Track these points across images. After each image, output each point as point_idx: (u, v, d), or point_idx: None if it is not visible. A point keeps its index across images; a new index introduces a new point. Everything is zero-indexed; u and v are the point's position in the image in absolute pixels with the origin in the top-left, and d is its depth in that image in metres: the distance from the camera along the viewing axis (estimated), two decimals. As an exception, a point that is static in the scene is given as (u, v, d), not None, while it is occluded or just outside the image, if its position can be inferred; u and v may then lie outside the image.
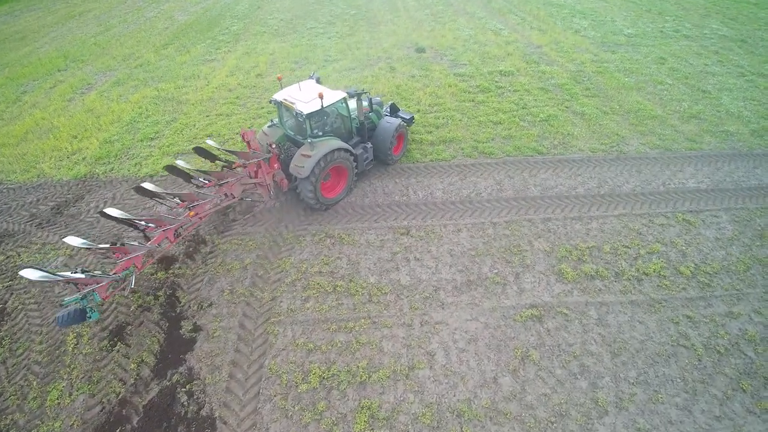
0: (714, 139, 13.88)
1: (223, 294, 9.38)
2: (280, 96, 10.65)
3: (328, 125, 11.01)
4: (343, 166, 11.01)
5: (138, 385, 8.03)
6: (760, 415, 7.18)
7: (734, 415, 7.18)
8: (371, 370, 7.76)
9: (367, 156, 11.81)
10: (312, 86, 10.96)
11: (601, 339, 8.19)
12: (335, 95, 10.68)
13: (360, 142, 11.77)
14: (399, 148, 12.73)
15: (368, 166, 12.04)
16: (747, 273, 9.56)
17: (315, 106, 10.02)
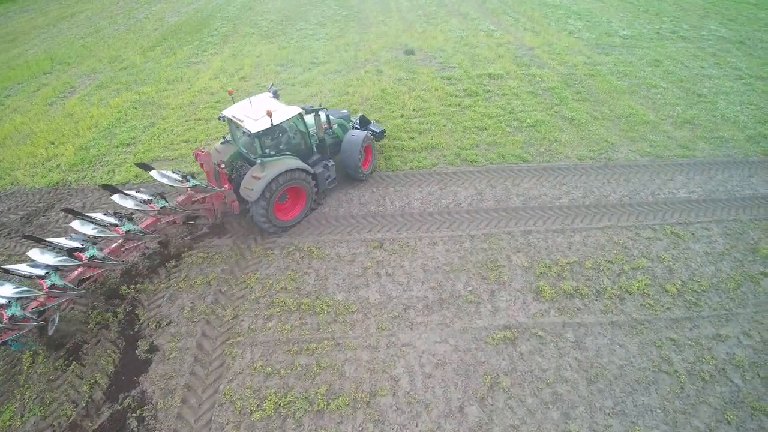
0: (708, 146, 13.34)
1: (183, 311, 8.96)
2: (229, 112, 9.92)
3: (283, 143, 10.47)
4: (301, 187, 10.36)
5: (89, 408, 7.62)
6: (747, 449, 6.70)
7: (718, 447, 6.70)
8: (330, 397, 7.31)
9: (329, 174, 11.15)
10: (264, 102, 10.18)
11: (577, 364, 7.70)
12: (288, 112, 9.94)
13: (321, 159, 11.09)
14: (367, 162, 12.04)
15: (331, 185, 11.37)
16: (737, 291, 9.04)
17: (264, 125, 9.29)
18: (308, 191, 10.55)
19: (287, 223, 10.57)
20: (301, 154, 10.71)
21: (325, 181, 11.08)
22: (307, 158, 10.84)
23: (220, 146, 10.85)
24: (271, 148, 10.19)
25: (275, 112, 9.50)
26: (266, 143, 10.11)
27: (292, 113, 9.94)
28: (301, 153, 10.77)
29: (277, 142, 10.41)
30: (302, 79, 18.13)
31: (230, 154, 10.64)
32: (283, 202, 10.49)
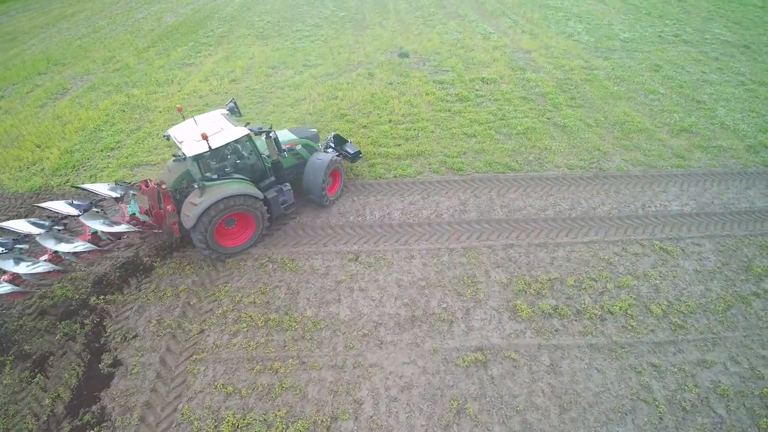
0: (705, 155, 12.86)
1: (150, 324, 8.75)
2: (173, 131, 9.38)
3: (230, 165, 9.79)
4: (248, 213, 9.72)
5: (50, 422, 7.44)
6: (728, 485, 6.30)
7: (696, 483, 6.31)
8: (289, 420, 7.04)
9: (284, 200, 10.34)
10: (212, 121, 9.51)
11: (551, 390, 7.35)
12: (233, 134, 9.14)
13: (276, 183, 10.38)
14: (335, 187, 11.36)
15: (288, 210, 10.56)
16: (727, 313, 8.62)
17: (202, 148, 8.65)
18: (257, 217, 9.85)
19: (233, 250, 9.96)
20: (254, 176, 10.07)
21: (279, 206, 10.30)
22: (261, 181, 10.16)
23: (171, 164, 10.23)
24: (216, 171, 9.53)
25: (218, 134, 8.96)
26: (209, 166, 9.46)
27: (236, 135, 9.15)
28: (255, 176, 10.11)
29: (223, 164, 9.74)
30: (292, 83, 17.87)
31: (180, 173, 10.02)
32: (230, 227, 9.92)
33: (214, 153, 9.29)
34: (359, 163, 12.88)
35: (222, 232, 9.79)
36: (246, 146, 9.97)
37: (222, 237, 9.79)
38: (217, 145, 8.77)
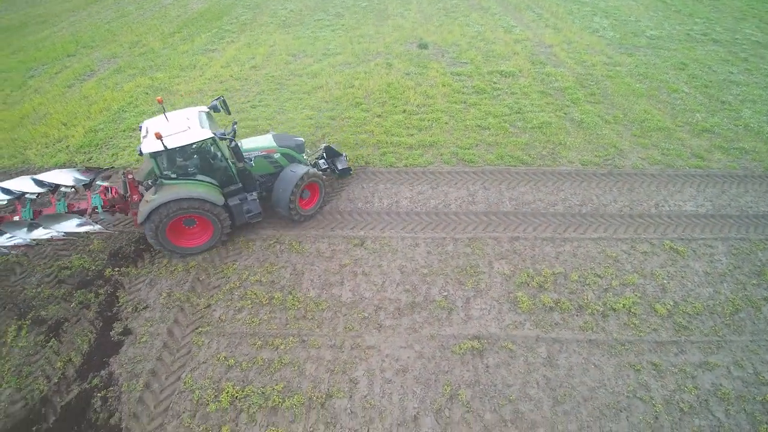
0: (725, 157, 12.50)
1: (160, 297, 9.09)
2: (147, 123, 9.36)
3: (192, 166, 9.52)
4: (205, 218, 9.54)
5: (61, 384, 7.83)
6: (720, 489, 6.22)
7: (688, 485, 6.25)
8: (286, 395, 7.26)
9: (248, 209, 9.90)
10: (184, 118, 9.28)
11: (545, 382, 7.36)
12: (192, 136, 8.82)
13: (243, 190, 10.03)
14: (312, 202, 10.78)
15: (253, 219, 10.07)
16: (735, 316, 8.44)
17: (157, 146, 8.52)
18: (215, 223, 9.64)
19: (187, 251, 9.88)
20: (221, 181, 9.83)
21: (243, 215, 9.93)
22: (226, 186, 9.87)
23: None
24: (178, 170, 9.37)
25: (180, 133, 8.78)
26: (169, 165, 9.28)
27: (196, 138, 8.87)
28: (222, 180, 9.84)
29: (186, 164, 9.51)
30: (310, 71, 18.03)
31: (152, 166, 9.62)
32: (190, 226, 9.83)
33: (176, 152, 9.08)
34: (370, 150, 12.99)
35: (180, 231, 9.77)
36: (209, 150, 9.62)
37: (179, 235, 9.78)
38: (173, 146, 8.63)
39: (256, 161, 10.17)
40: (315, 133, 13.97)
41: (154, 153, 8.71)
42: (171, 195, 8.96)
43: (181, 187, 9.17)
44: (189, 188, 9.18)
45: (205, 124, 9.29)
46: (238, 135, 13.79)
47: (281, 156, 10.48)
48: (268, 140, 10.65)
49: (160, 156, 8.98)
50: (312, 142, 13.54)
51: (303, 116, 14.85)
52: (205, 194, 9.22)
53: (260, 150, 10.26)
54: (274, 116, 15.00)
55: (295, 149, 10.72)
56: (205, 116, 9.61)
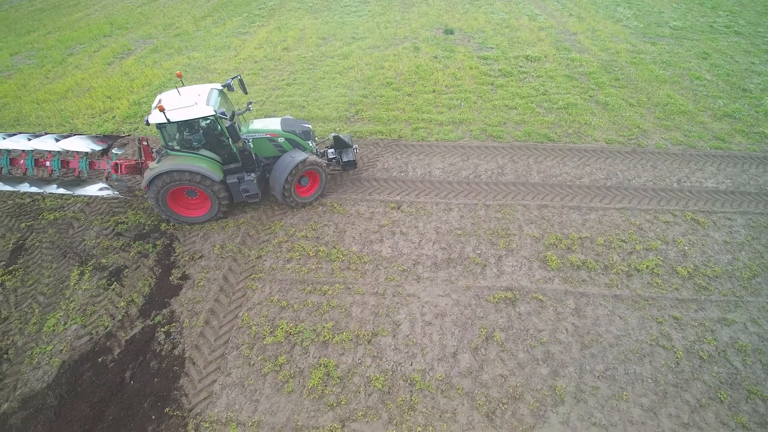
0: (746, 140, 12.90)
1: (214, 248, 9.84)
2: (162, 95, 9.85)
3: (196, 141, 9.90)
4: (202, 191, 9.89)
5: (124, 321, 8.63)
6: (735, 429, 6.74)
7: (705, 424, 6.79)
8: (335, 332, 7.96)
9: (245, 188, 10.17)
10: (191, 94, 9.64)
11: (574, 329, 7.97)
12: (195, 112, 9.18)
13: (242, 169, 10.25)
14: (312, 189, 10.86)
15: (250, 199, 10.39)
16: (752, 281, 8.95)
17: (160, 118, 9.02)
18: (211, 197, 10.01)
19: (186, 219, 10.38)
20: (224, 158, 10.16)
21: (241, 194, 10.26)
22: (228, 164, 10.17)
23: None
24: (184, 143, 9.83)
25: (185, 108, 9.18)
26: (173, 136, 9.74)
27: (197, 114, 9.22)
28: (225, 157, 10.17)
29: (190, 138, 9.89)
30: (341, 53, 18.66)
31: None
32: (192, 197, 10.31)
33: (180, 125, 9.57)
34: (402, 126, 13.61)
35: (182, 200, 10.32)
36: (216, 126, 9.83)
37: (181, 204, 10.33)
38: (175, 119, 9.08)
39: (259, 143, 10.33)
40: (349, 109, 14.63)
41: (159, 124, 9.23)
42: (171, 165, 9.41)
43: (182, 159, 9.63)
44: (189, 161, 9.61)
45: (213, 101, 9.58)
46: (269, 113, 14.52)
47: (285, 141, 10.51)
48: (274, 124, 10.71)
49: (165, 128, 9.45)
50: (346, 118, 14.22)
51: (336, 94, 15.50)
52: (203, 168, 9.56)
53: (265, 132, 10.36)
54: (308, 93, 15.67)
55: (301, 135, 10.68)
56: (216, 93, 9.93)
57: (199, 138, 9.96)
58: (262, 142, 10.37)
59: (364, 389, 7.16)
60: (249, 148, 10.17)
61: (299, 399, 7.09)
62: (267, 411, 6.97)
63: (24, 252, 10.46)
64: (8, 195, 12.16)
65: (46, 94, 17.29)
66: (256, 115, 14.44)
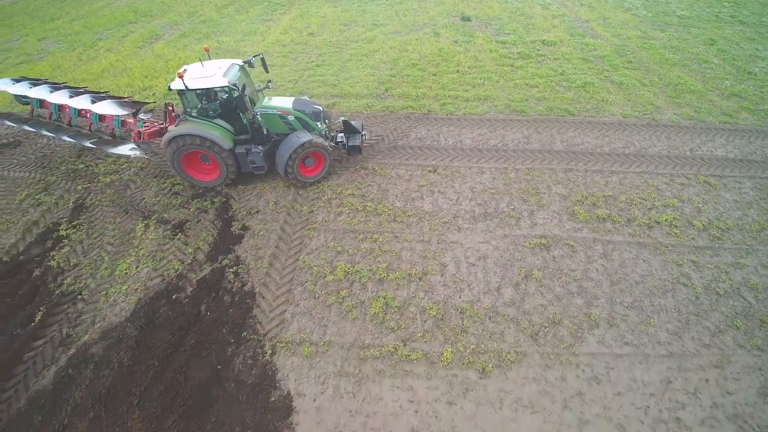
0: (751, 117, 13.83)
1: (268, 205, 10.71)
2: (188, 66, 10.51)
3: (211, 110, 10.56)
4: (212, 157, 10.59)
5: (194, 264, 9.47)
6: (750, 350, 7.64)
7: (724, 346, 7.72)
8: (389, 271, 8.85)
9: (252, 160, 10.78)
10: (213, 66, 10.32)
11: (603, 269, 8.89)
12: (210, 82, 9.84)
13: (251, 141, 10.87)
14: (316, 170, 11.23)
15: (256, 171, 11.01)
16: (761, 233, 9.87)
17: (180, 86, 9.82)
18: (221, 164, 10.68)
19: (197, 182, 11.14)
20: (236, 129, 10.78)
21: (248, 165, 10.89)
22: (240, 135, 10.80)
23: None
24: (201, 111, 10.49)
25: (203, 78, 9.84)
26: (193, 104, 10.42)
27: (211, 84, 9.87)
28: (236, 129, 10.78)
29: (207, 107, 10.53)
30: (365, 37, 19.53)
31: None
32: (205, 163, 11.03)
33: (197, 93, 10.30)
34: (431, 102, 14.49)
35: (196, 164, 11.07)
36: (226, 97, 10.41)
37: (194, 167, 11.08)
38: (192, 87, 9.84)
39: (271, 119, 10.82)
40: (378, 87, 15.50)
41: (179, 91, 9.99)
42: (185, 130, 10.16)
43: (197, 125, 10.33)
44: (203, 127, 10.29)
45: (231, 74, 10.15)
46: (303, 91, 15.38)
47: (295, 119, 10.86)
48: (287, 102, 11.09)
49: (184, 94, 10.16)
50: (377, 95, 15.09)
51: (365, 73, 16.37)
52: (214, 135, 10.20)
53: (276, 109, 10.77)
54: (338, 74, 16.53)
55: (310, 116, 11.01)
56: (237, 69, 10.53)
57: (215, 108, 10.61)
58: (273, 118, 10.86)
59: (420, 316, 8.05)
60: (258, 122, 10.78)
61: (363, 324, 7.97)
62: (335, 333, 7.85)
63: (85, 210, 11.27)
64: (61, 161, 12.99)
65: (83, 74, 18.07)
66: (292, 92, 15.31)
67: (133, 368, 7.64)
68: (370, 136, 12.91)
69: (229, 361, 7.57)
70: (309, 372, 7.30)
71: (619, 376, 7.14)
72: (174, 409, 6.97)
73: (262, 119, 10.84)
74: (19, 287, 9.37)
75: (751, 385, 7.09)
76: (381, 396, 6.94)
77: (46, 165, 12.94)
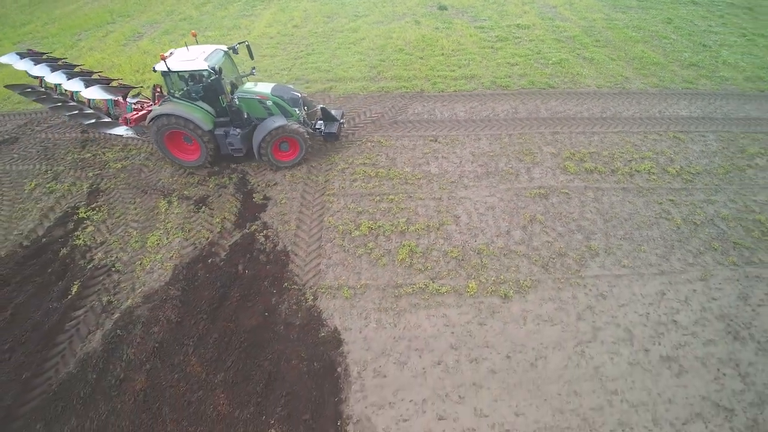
0: (710, 82, 15.47)
1: (285, 177, 11.36)
2: (173, 50, 11.06)
3: (193, 93, 10.96)
4: (194, 138, 11.05)
5: (223, 232, 10.01)
6: (728, 266, 8.89)
7: (705, 264, 8.96)
8: (409, 224, 9.71)
9: (230, 142, 11.22)
10: (197, 51, 10.83)
11: (596, 210, 10.04)
12: (190, 65, 10.36)
13: (229, 124, 11.30)
14: (292, 155, 11.53)
15: (236, 153, 11.44)
16: (726, 175, 11.28)
17: (163, 67, 10.35)
18: (201, 144, 11.15)
19: (178, 161, 11.62)
20: (218, 111, 11.22)
21: (227, 146, 11.33)
22: (220, 118, 11.24)
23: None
24: (185, 93, 10.92)
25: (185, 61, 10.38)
26: (178, 86, 10.88)
27: (191, 67, 10.38)
28: (218, 111, 11.22)
29: (190, 90, 10.92)
30: (349, 27, 20.33)
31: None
32: (188, 143, 11.53)
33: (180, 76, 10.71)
34: (422, 82, 15.44)
35: (179, 144, 11.56)
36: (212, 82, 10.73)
37: (178, 147, 11.59)
38: (174, 69, 10.35)
39: (251, 103, 11.18)
40: (370, 71, 16.33)
41: (163, 72, 10.49)
42: (168, 110, 10.67)
43: (180, 105, 10.81)
44: (184, 108, 10.76)
45: (213, 60, 10.63)
46: (298, 77, 16.05)
47: (273, 104, 11.16)
48: (266, 88, 11.41)
49: (168, 76, 10.62)
50: (370, 78, 15.92)
51: (355, 59, 17.18)
52: (193, 116, 10.67)
53: (256, 94, 11.14)
54: (329, 60, 17.27)
55: (288, 102, 11.28)
56: (220, 54, 11.04)
57: (198, 90, 10.97)
58: (253, 102, 11.20)
59: (443, 259, 8.94)
60: (236, 105, 11.17)
61: (393, 268, 8.80)
62: (369, 278, 8.64)
63: (101, 193, 11.57)
64: (66, 152, 13.18)
65: (71, 73, 18.06)
66: (288, 78, 15.96)
67: (182, 324, 8.17)
68: (370, 114, 13.74)
69: (274, 308, 8.23)
70: (351, 310, 8.06)
71: (621, 292, 8.25)
72: (231, 352, 7.58)
73: (242, 103, 11.23)
74: (47, 266, 9.67)
75: (732, 292, 8.34)
76: (419, 324, 7.79)
77: (50, 157, 13.10)
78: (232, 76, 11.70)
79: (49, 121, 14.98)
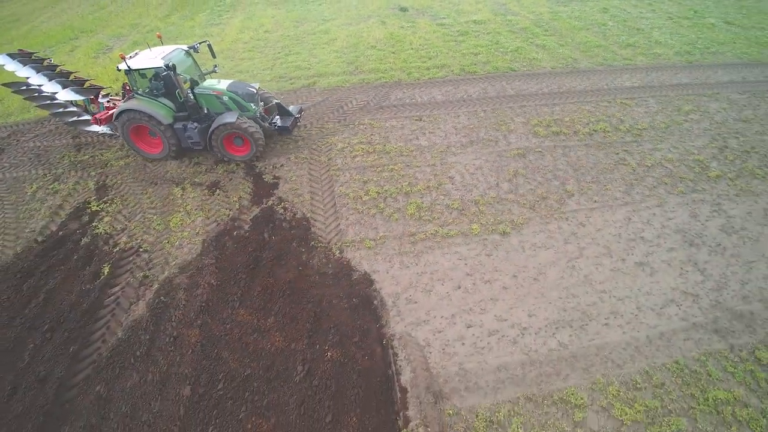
0: (645, 59, 17.91)
1: (289, 159, 12.34)
2: (137, 51, 11.73)
3: (155, 89, 11.50)
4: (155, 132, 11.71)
5: (242, 209, 10.82)
6: (677, 195, 10.70)
7: (659, 194, 10.77)
8: (411, 186, 10.99)
9: (189, 135, 11.74)
10: (159, 51, 11.46)
11: (567, 163, 11.75)
12: (148, 63, 11.06)
13: (187, 118, 11.84)
14: (245, 151, 12.05)
15: (196, 146, 12.00)
16: (668, 128, 13.38)
17: (124, 66, 11.05)
18: (162, 138, 11.80)
19: (142, 153, 12.44)
20: (177, 107, 11.78)
21: (186, 139, 11.86)
22: (180, 113, 11.80)
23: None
24: (148, 90, 11.56)
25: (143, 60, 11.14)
26: (139, 83, 11.50)
27: (148, 65, 11.09)
28: (177, 107, 11.78)
29: (152, 87, 11.53)
30: (320, 30, 21.56)
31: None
32: (153, 137, 12.21)
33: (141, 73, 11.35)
34: (398, 72, 16.88)
35: (145, 138, 12.37)
36: (164, 78, 11.20)
37: (143, 140, 12.37)
38: (134, 67, 11.05)
39: (209, 99, 11.71)
40: (349, 66, 17.61)
41: (126, 71, 11.19)
42: (131, 105, 11.35)
43: (142, 101, 11.45)
44: (145, 104, 11.38)
45: (172, 58, 11.34)
46: (282, 76, 17.07)
47: (229, 99, 11.58)
48: (222, 84, 11.90)
49: (130, 74, 11.28)
50: (349, 72, 17.18)
51: (332, 57, 18.40)
52: (153, 111, 11.29)
53: (212, 90, 11.64)
54: (308, 59, 18.39)
55: (243, 97, 11.67)
56: (181, 54, 11.80)
57: (159, 87, 11.53)
58: (211, 98, 11.70)
59: (446, 210, 10.27)
60: (191, 100, 11.79)
61: (405, 221, 10.02)
62: (386, 230, 9.81)
63: (110, 188, 12.03)
64: (62, 156, 13.49)
65: (47, 86, 18.09)
66: (271, 77, 16.93)
67: (222, 286, 8.98)
68: (356, 102, 14.97)
69: (306, 263, 9.22)
70: (376, 257, 9.19)
71: (596, 220, 9.91)
72: (275, 301, 8.49)
73: (201, 99, 11.81)
74: (70, 255, 10.12)
75: (683, 213, 10.19)
76: (436, 261, 9.04)
77: (45, 162, 13.38)
78: (196, 74, 12.31)
79: (35, 131, 15.17)
